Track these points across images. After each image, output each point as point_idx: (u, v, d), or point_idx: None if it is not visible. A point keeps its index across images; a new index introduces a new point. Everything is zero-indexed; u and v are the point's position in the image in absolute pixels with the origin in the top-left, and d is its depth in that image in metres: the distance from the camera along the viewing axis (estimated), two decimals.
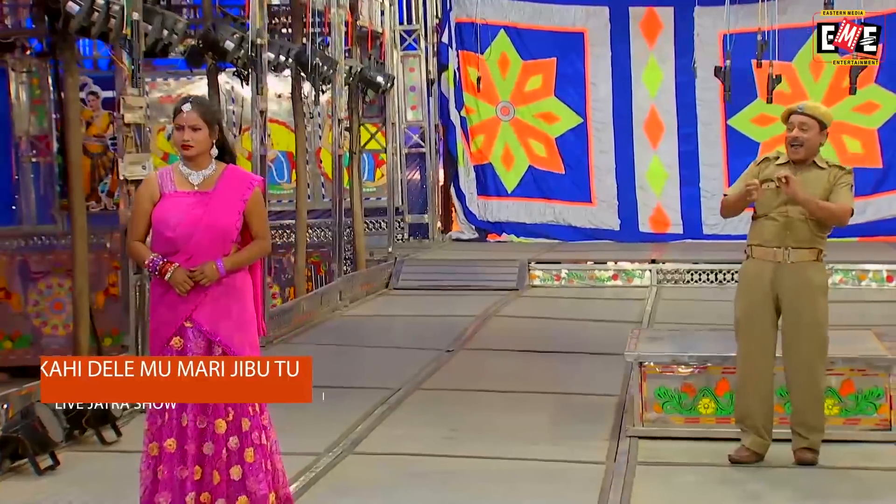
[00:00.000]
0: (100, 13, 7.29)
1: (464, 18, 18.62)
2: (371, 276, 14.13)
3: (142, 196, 4.96)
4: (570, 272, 14.94)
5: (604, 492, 5.93)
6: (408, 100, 18.24)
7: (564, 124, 18.52)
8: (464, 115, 18.58)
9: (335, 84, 12.60)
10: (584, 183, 18.50)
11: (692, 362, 6.99)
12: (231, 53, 9.61)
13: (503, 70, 18.60)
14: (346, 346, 10.43)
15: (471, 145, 18.61)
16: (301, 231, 12.53)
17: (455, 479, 6.22)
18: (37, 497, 5.79)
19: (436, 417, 7.59)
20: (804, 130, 6.15)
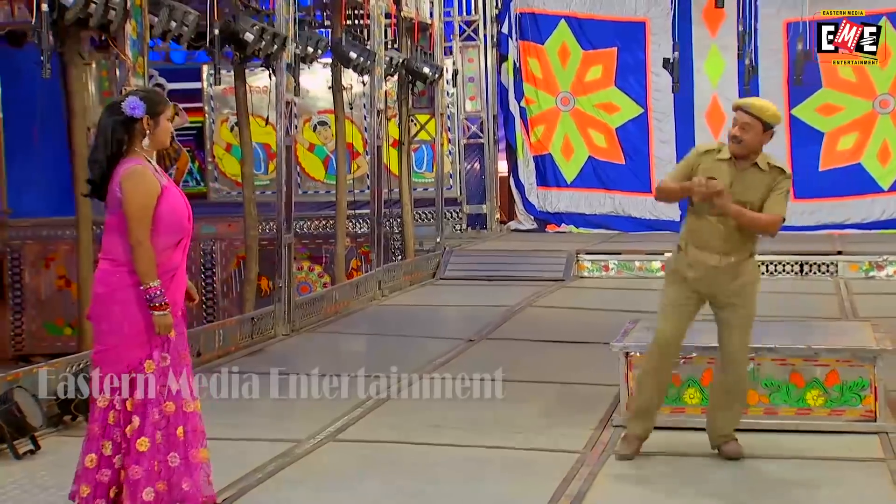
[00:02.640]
0: (97, 5, 7.40)
1: (524, 9, 18.59)
2: (416, 266, 14.18)
3: (154, 190, 4.85)
4: (620, 263, 14.83)
5: (566, 480, 5.90)
6: (466, 90, 18.26)
7: (625, 114, 18.39)
8: (523, 105, 18.55)
9: (374, 75, 12.64)
10: (644, 173, 18.33)
11: None
12: (251, 45, 9.71)
13: (563, 60, 18.52)
14: (369, 335, 10.50)
15: (530, 136, 18.57)
16: (340, 220, 12.64)
17: (425, 466, 6.25)
18: (9, 480, 5.93)
19: (429, 406, 7.59)
20: (745, 130, 5.95)
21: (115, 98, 5.02)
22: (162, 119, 4.91)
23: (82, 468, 4.87)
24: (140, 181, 4.82)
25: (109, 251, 4.89)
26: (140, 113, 4.83)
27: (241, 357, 9.23)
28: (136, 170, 4.82)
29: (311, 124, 17.91)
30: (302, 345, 10.01)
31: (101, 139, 4.86)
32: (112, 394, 4.84)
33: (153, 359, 4.88)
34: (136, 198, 4.78)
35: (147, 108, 4.84)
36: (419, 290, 13.50)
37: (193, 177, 18.45)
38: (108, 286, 4.85)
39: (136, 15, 7.96)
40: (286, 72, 10.14)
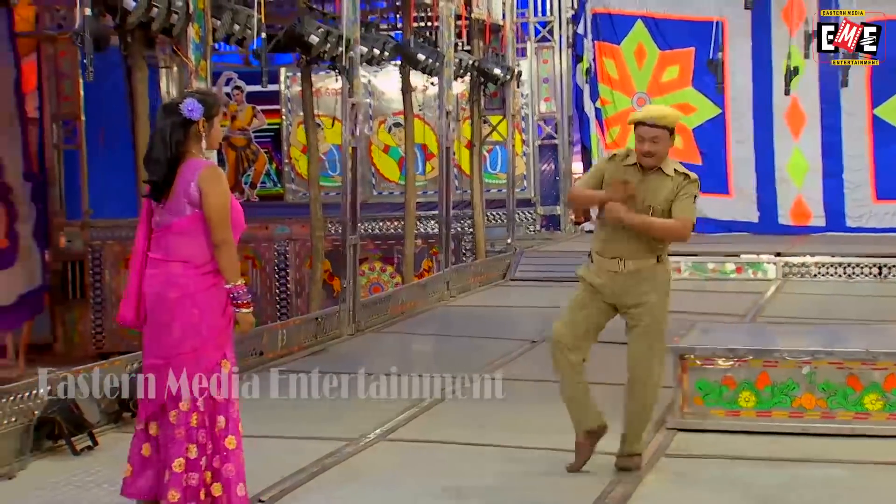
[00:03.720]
0: (159, 9, 7.52)
1: (600, 9, 18.48)
2: (486, 267, 14.18)
3: (229, 190, 4.89)
4: (693, 265, 14.67)
5: (612, 483, 5.87)
6: (541, 91, 18.23)
7: (702, 115, 18.20)
8: (599, 106, 18.44)
9: (443, 77, 12.68)
10: (721, 174, 18.13)
11: (732, 355, 6.84)
12: (316, 48, 9.80)
13: (639, 61, 18.39)
14: (433, 336, 10.53)
15: (606, 137, 18.45)
16: (409, 221, 12.69)
17: (471, 467, 6.26)
18: (67, 475, 6.05)
19: (485, 406, 7.60)
20: (656, 143, 5.79)
21: (171, 99, 5.05)
22: (216, 121, 4.92)
23: (172, 474, 4.80)
24: (220, 181, 4.83)
25: (178, 253, 4.82)
26: (198, 115, 4.82)
27: (304, 357, 9.32)
28: (214, 170, 4.84)
29: (386, 126, 18.03)
30: (365, 345, 10.08)
31: (159, 141, 4.83)
32: (197, 395, 4.82)
33: (227, 358, 4.91)
34: (218, 198, 4.78)
35: (204, 111, 4.85)
36: (488, 291, 13.50)
37: (270, 178, 18.69)
38: (185, 289, 4.79)
39: (198, 19, 8.08)
40: (351, 74, 10.19)
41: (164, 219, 4.83)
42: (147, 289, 4.84)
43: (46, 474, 6.07)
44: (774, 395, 6.75)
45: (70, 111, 14.48)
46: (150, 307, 4.84)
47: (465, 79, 14.80)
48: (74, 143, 14.64)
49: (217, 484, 4.86)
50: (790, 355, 6.78)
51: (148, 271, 4.85)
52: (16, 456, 6.19)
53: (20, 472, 6.05)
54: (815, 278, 14.25)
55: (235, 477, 4.88)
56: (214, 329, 4.83)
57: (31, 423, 6.35)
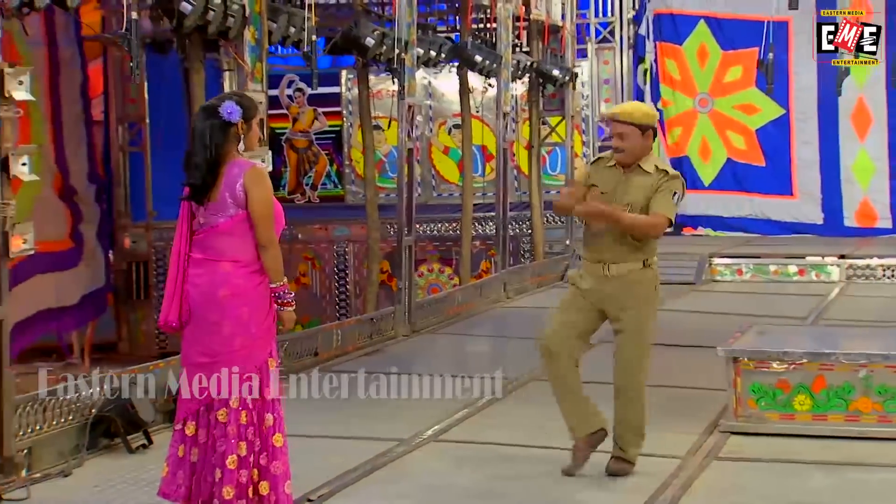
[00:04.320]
0: (215, 12, 7.60)
1: (662, 9, 18.39)
2: (543, 269, 14.15)
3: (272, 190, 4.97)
4: (755, 267, 14.54)
5: (663, 486, 5.83)
6: (601, 93, 18.16)
7: (765, 116, 18.06)
8: (660, 107, 18.30)
9: (500, 78, 12.68)
10: (785, 176, 17.97)
11: (787, 358, 6.77)
12: (372, 50, 9.84)
13: (702, 61, 18.27)
14: (488, 337, 10.53)
15: (667, 138, 18.35)
16: (466, 222, 12.71)
17: (521, 467, 6.26)
18: (121, 473, 6.14)
19: (538, 408, 7.57)
20: (623, 139, 5.75)
21: (209, 102, 5.09)
22: (254, 123, 4.93)
23: (225, 471, 4.80)
24: (264, 181, 4.86)
25: (226, 253, 4.83)
26: (237, 118, 4.83)
27: (358, 357, 9.36)
28: (258, 171, 4.86)
29: (447, 127, 18.03)
30: (420, 346, 10.11)
31: (199, 143, 4.83)
32: (246, 393, 4.84)
33: (273, 356, 4.95)
34: (263, 198, 4.81)
35: (242, 113, 4.86)
36: (545, 293, 13.46)
37: (331, 179, 18.75)
38: (235, 288, 4.82)
39: (254, 21, 8.16)
40: (407, 76, 10.23)
41: (208, 220, 4.85)
42: (192, 289, 4.85)
43: (101, 472, 6.16)
44: (830, 398, 6.67)
45: (135, 114, 14.65)
46: (197, 306, 4.86)
47: (525, 80, 14.78)
48: (139, 145, 14.82)
49: (264, 482, 4.88)
50: (846, 358, 6.70)
51: (192, 271, 4.87)
52: (72, 454, 6.29)
53: (76, 470, 6.14)
54: (879, 281, 14.06)
55: (282, 475, 4.91)
56: (262, 327, 4.88)
57: (87, 421, 6.45)
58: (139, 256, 14.38)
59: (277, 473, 4.90)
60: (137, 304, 14.29)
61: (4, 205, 5.87)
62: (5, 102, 5.79)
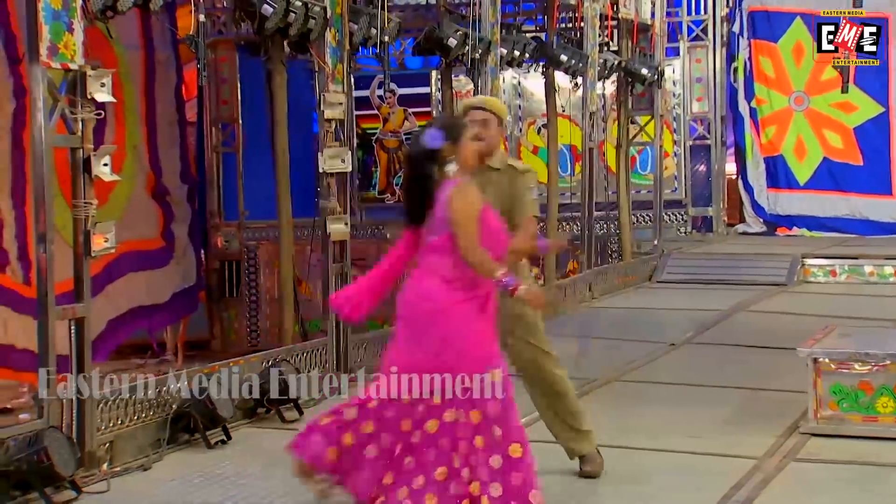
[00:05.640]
0: (296, 14, 7.70)
1: (757, 7, 18.14)
2: (631, 269, 14.05)
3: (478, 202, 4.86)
4: (849, 268, 14.25)
5: (736, 486, 5.77)
6: (694, 91, 17.96)
7: (864, 114, 17.70)
8: (754, 105, 18.09)
9: (586, 77, 12.63)
10: (884, 175, 17.61)
11: (869, 360, 6.64)
12: (455, 50, 9.87)
13: (798, 59, 17.96)
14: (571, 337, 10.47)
15: (761, 136, 18.09)
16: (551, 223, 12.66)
17: None
18: (198, 468, 6.25)
19: (613, 409, 7.55)
20: (486, 126, 5.53)
21: (418, 130, 5.13)
22: (463, 142, 4.89)
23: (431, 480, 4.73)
24: (463, 194, 4.81)
25: (433, 269, 4.85)
26: (439, 143, 4.85)
27: None
28: (460, 186, 4.83)
29: (536, 127, 18.00)
30: None
31: (411, 173, 4.97)
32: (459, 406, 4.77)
33: (495, 367, 4.84)
34: (462, 207, 4.78)
35: (446, 136, 4.87)
36: (632, 293, 13.38)
37: None
38: (439, 302, 4.80)
39: (336, 23, 8.24)
40: (490, 75, 10.24)
41: (425, 238, 4.91)
42: (402, 299, 4.89)
43: (180, 466, 6.28)
44: None
45: (228, 115, 14.87)
46: (405, 317, 4.89)
47: (613, 79, 14.70)
48: (232, 146, 15.04)
49: (485, 497, 4.75)
50: None
51: (407, 282, 4.93)
52: (153, 448, 6.43)
53: (155, 464, 6.27)
54: None
55: (523, 485, 4.79)
56: (476, 338, 4.81)
57: (167, 416, 6.59)
58: (231, 255, 14.58)
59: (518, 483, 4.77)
60: (230, 302, 14.48)
61: (87, 204, 6.00)
62: (87, 104, 5.92)
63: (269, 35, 7.98)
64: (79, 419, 5.95)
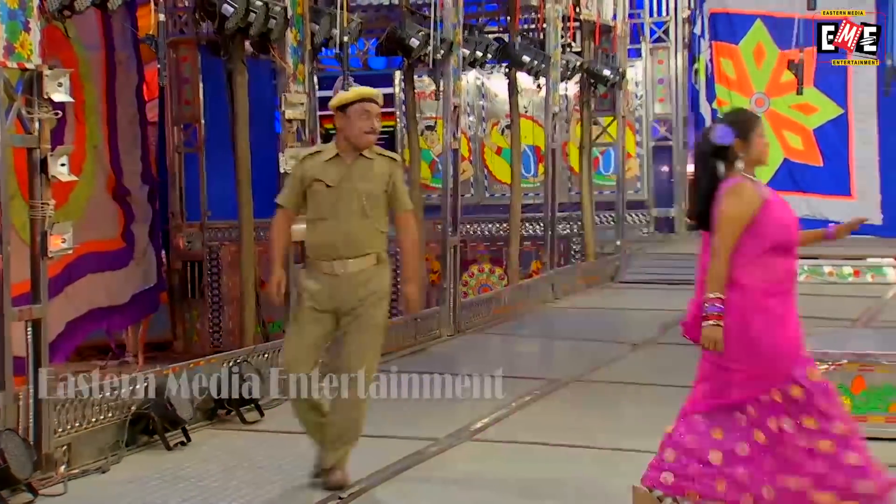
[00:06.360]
0: (257, 14, 7.67)
1: (718, 9, 18.21)
2: (592, 269, 14.10)
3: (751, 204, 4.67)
4: (809, 268, 14.36)
5: None
6: (656, 92, 18.05)
7: (823, 115, 17.82)
8: (715, 107, 18.14)
9: (549, 78, 12.66)
10: (843, 175, 17.73)
11: (827, 359, 6.68)
12: (417, 51, 9.87)
13: (758, 61, 18.07)
14: (532, 338, 10.52)
15: None
16: (514, 223, 12.72)
17: (554, 467, 6.26)
18: (157, 470, 6.22)
19: (576, 409, 7.58)
20: (380, 119, 5.65)
21: (706, 127, 4.93)
22: (754, 136, 4.77)
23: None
24: (733, 194, 4.68)
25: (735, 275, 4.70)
26: (729, 140, 4.72)
27: (401, 357, 9.40)
28: (734, 186, 4.69)
29: (499, 128, 18.04)
30: (464, 346, 10.12)
31: (700, 171, 4.80)
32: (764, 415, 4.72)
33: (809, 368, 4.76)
34: (727, 209, 4.66)
35: (736, 133, 4.74)
36: (594, 294, 13.43)
37: None
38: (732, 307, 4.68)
39: (297, 23, 8.22)
40: (453, 76, 10.26)
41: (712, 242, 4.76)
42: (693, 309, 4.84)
43: (138, 468, 6.24)
44: (870, 400, 6.58)
45: (190, 115, 14.78)
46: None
47: (577, 80, 14.74)
48: (194, 146, 14.97)
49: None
50: (887, 360, 6.62)
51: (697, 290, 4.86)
52: (111, 450, 6.38)
53: (114, 466, 6.23)
54: None
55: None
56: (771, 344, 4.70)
57: (126, 418, 6.54)
58: (194, 256, 14.50)
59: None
60: (192, 303, 14.40)
61: (44, 205, 5.95)
62: (44, 104, 5.87)
63: (230, 35, 7.96)
64: (35, 421, 5.90)
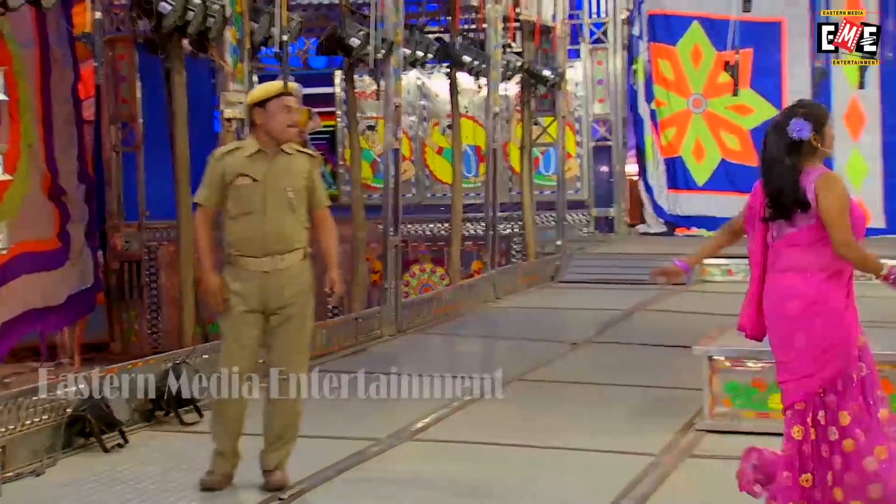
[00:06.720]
0: (195, 12, 7.62)
1: (656, 10, 18.38)
2: (533, 269, 14.16)
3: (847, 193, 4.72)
4: (746, 267, 14.47)
5: (633, 482, 5.85)
6: (595, 93, 18.17)
7: (759, 116, 18.01)
8: (654, 107, 18.34)
9: (490, 78, 12.70)
10: None
11: (762, 357, 6.77)
12: (357, 51, 9.86)
13: (696, 62, 18.26)
14: (474, 337, 10.54)
15: (661, 138, 18.35)
16: (456, 222, 12.74)
17: (495, 466, 6.28)
18: (94, 473, 6.13)
19: (516, 408, 7.61)
20: (298, 113, 5.64)
21: (778, 119, 4.86)
22: (827, 129, 4.78)
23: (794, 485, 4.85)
24: (835, 184, 4.70)
25: (793, 264, 4.74)
26: (807, 135, 4.72)
27: (342, 357, 9.38)
28: (829, 176, 4.71)
29: (441, 128, 18.05)
30: (405, 346, 10.12)
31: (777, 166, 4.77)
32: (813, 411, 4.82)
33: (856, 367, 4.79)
34: (831, 200, 4.64)
35: (812, 126, 4.73)
36: (534, 294, 13.49)
37: (325, 180, 18.79)
38: (803, 299, 4.71)
39: (235, 22, 8.18)
40: (394, 76, 10.25)
41: (780, 232, 4.78)
42: (765, 301, 4.85)
43: (75, 471, 6.16)
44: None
45: (128, 114, 14.65)
46: (768, 320, 4.86)
47: (517, 80, 14.80)
48: (132, 145, 14.82)
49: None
50: None
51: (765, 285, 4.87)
52: (47, 453, 6.30)
53: (49, 469, 6.14)
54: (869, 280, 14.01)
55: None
56: (835, 336, 4.75)
57: (62, 420, 6.46)
58: (131, 256, 14.38)
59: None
60: (130, 303, 14.28)
61: None
62: None
63: (168, 33, 7.89)
64: None
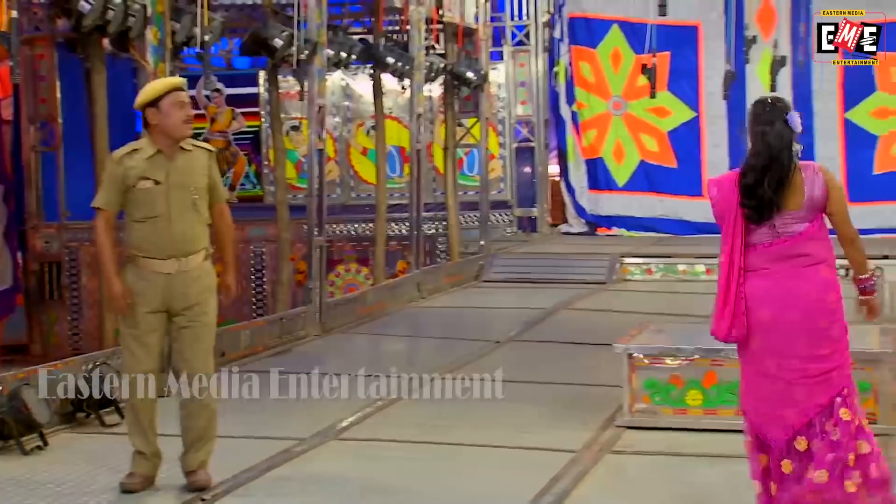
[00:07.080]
0: (115, 11, 7.59)
1: (576, 13, 18.59)
2: (457, 269, 14.26)
3: None
4: (664, 266, 14.76)
5: (555, 478, 5.95)
6: (517, 95, 18.33)
7: (677, 118, 18.34)
8: (575, 109, 18.54)
9: (413, 80, 12.77)
10: (696, 177, 18.24)
11: (680, 354, 6.93)
12: (280, 51, 9.87)
13: (615, 65, 18.50)
14: (398, 337, 10.61)
15: (582, 140, 18.56)
16: (380, 223, 12.78)
17: (417, 465, 6.35)
18: (9, 476, 6.07)
19: (438, 406, 7.68)
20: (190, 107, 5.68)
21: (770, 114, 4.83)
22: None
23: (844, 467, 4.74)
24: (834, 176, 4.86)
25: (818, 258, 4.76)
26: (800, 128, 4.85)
27: (266, 357, 9.39)
28: (823, 168, 4.84)
29: (365, 129, 18.09)
30: (329, 346, 10.16)
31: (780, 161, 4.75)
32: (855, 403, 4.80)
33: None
34: (843, 197, 4.80)
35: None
36: (459, 293, 13.59)
37: (250, 180, 18.72)
38: (838, 291, 4.76)
39: (156, 22, 8.15)
40: (318, 77, 10.28)
41: (787, 229, 4.76)
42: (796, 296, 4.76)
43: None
44: (720, 393, 6.83)
45: (47, 113, 14.48)
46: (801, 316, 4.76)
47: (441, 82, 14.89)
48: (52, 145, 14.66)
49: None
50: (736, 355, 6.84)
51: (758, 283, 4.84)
52: None
53: None
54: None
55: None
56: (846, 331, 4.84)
57: None
58: (51, 257, 14.23)
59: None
60: (50, 305, 14.15)
61: None
62: None
63: (88, 32, 7.84)
64: None
